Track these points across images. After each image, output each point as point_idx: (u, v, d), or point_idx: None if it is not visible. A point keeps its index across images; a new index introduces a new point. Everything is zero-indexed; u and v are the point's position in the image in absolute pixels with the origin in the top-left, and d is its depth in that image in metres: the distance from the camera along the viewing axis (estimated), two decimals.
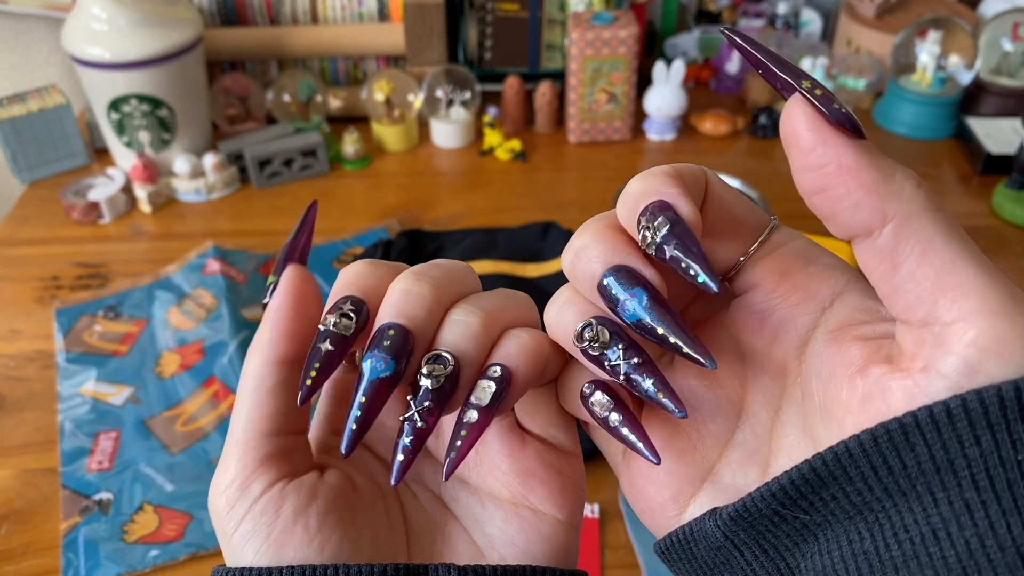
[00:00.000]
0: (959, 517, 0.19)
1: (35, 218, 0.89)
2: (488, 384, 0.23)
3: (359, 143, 0.96)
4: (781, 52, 1.12)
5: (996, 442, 0.18)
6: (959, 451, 0.19)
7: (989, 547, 0.18)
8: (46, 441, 0.64)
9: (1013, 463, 0.18)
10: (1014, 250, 0.83)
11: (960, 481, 0.19)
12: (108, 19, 0.83)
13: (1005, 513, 0.18)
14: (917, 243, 0.20)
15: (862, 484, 0.20)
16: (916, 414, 0.19)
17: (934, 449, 0.19)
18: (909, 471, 0.19)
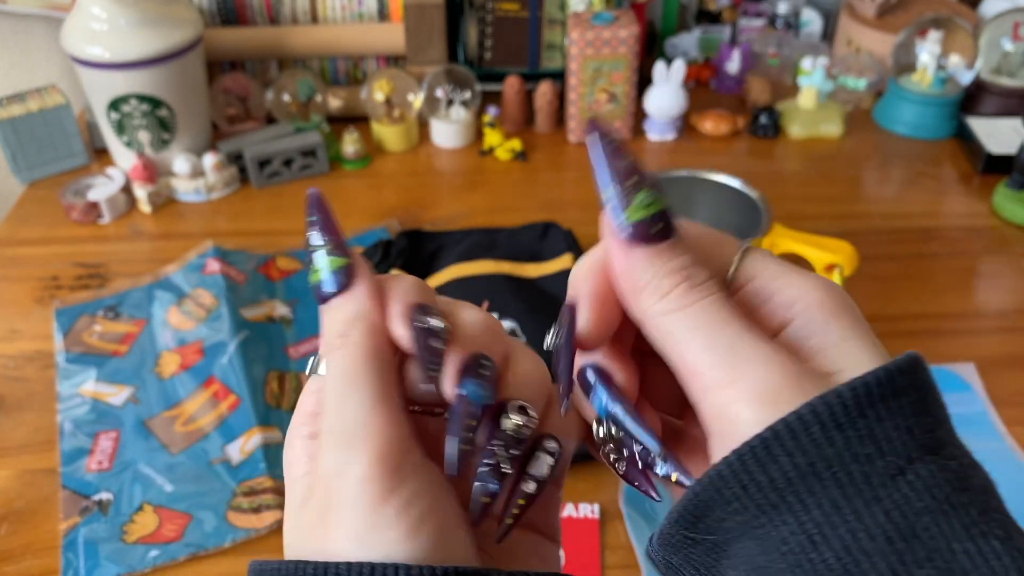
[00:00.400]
0: (830, 518, 0.20)
1: (35, 218, 0.89)
2: (547, 458, 0.24)
3: (359, 143, 0.96)
4: (781, 53, 1.12)
5: (847, 440, 0.20)
6: (817, 455, 0.20)
7: (862, 540, 0.19)
8: (46, 441, 0.64)
9: (864, 456, 0.20)
10: (1014, 250, 0.83)
11: (824, 483, 0.20)
12: (108, 19, 0.83)
13: (867, 503, 0.20)
14: (660, 341, 0.23)
15: (738, 504, 0.21)
16: (774, 427, 0.20)
17: (795, 457, 0.20)
18: (776, 483, 0.20)
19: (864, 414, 0.20)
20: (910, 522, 0.19)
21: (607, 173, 0.24)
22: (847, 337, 0.22)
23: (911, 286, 0.78)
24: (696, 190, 0.70)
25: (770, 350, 0.21)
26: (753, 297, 0.24)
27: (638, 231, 0.23)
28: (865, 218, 0.88)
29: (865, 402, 0.20)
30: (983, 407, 0.65)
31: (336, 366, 0.23)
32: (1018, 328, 0.74)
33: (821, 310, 0.22)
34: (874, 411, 0.20)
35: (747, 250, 0.24)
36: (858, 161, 0.98)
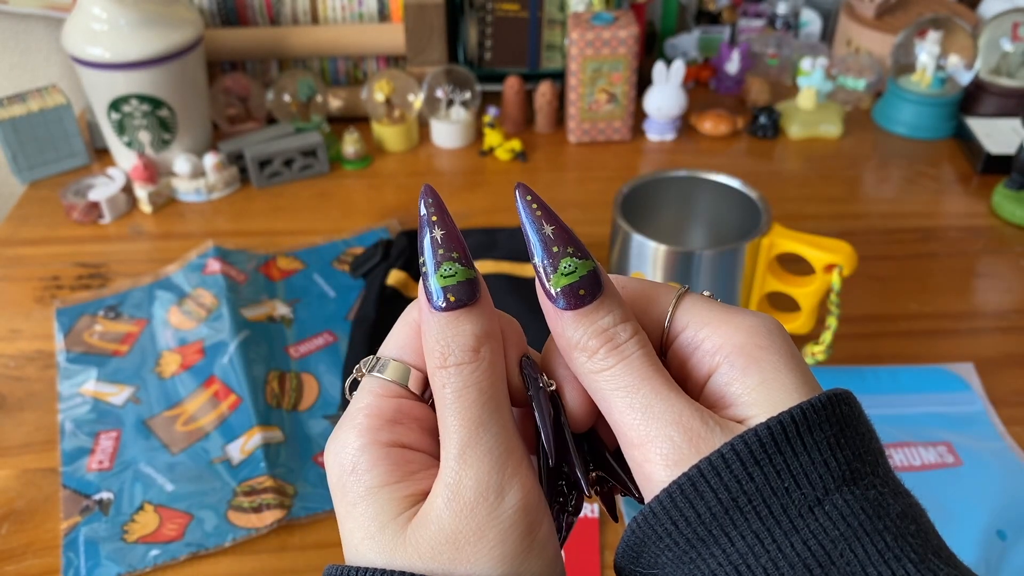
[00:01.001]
0: (753, 548, 0.21)
1: (35, 218, 0.89)
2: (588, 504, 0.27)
3: (359, 143, 0.96)
4: (781, 54, 1.12)
5: (765, 475, 0.21)
6: (739, 490, 0.21)
7: (781, 567, 0.21)
8: (46, 441, 0.64)
9: (782, 490, 0.21)
10: (1013, 250, 0.83)
11: (746, 516, 0.21)
12: (108, 19, 0.83)
13: (786, 534, 0.21)
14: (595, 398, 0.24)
15: (669, 540, 0.22)
16: (698, 465, 0.22)
17: (719, 493, 0.21)
18: (703, 518, 0.22)
19: (780, 450, 0.21)
20: (827, 550, 0.21)
21: (533, 241, 0.25)
22: (766, 380, 0.23)
23: (910, 286, 0.79)
24: (695, 190, 0.70)
25: (681, 409, 0.23)
26: (685, 347, 0.25)
27: (565, 296, 0.24)
28: (864, 218, 0.88)
29: (781, 439, 0.21)
30: (982, 407, 0.65)
31: (468, 381, 0.24)
32: (1017, 328, 0.74)
33: (741, 355, 0.24)
34: (790, 447, 0.21)
35: (680, 297, 0.26)
36: (857, 161, 0.98)
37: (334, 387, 0.68)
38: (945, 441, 0.62)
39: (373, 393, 0.25)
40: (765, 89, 1.07)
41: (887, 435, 0.62)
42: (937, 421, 0.63)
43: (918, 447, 0.61)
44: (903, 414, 0.64)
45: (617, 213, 0.65)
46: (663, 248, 0.62)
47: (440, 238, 0.24)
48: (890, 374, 0.67)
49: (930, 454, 0.60)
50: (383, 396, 0.25)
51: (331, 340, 0.73)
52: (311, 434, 0.64)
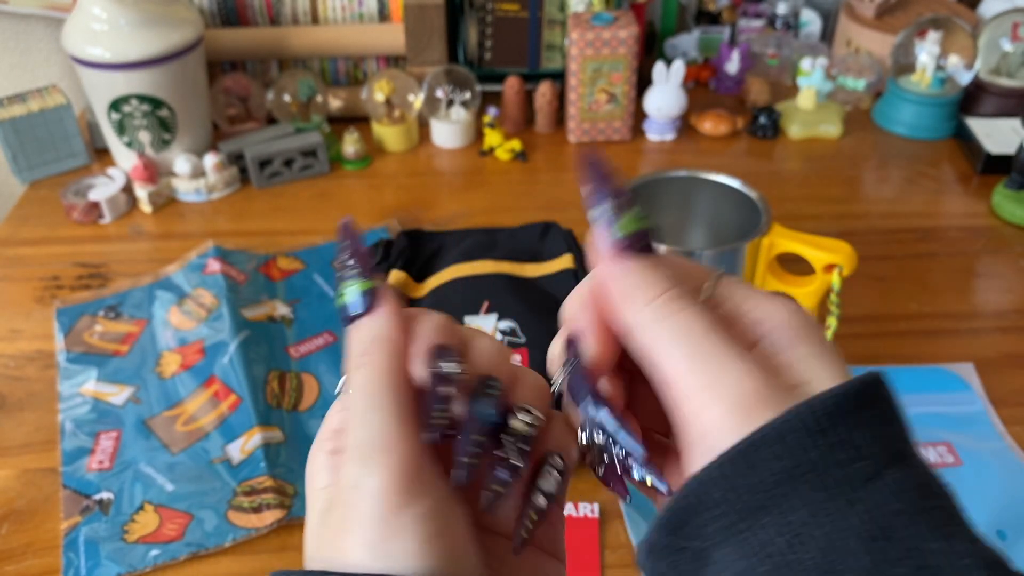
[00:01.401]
0: (813, 518, 0.21)
1: (35, 218, 0.90)
2: (555, 474, 0.25)
3: (359, 143, 0.96)
4: (781, 54, 1.12)
5: (828, 445, 0.21)
6: (800, 459, 0.21)
7: (842, 539, 0.20)
8: (47, 441, 0.64)
9: (844, 461, 0.21)
10: (1014, 250, 0.84)
11: (805, 486, 0.21)
12: (108, 19, 0.83)
13: (849, 504, 0.21)
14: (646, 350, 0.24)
15: (722, 508, 0.22)
16: (758, 432, 0.21)
17: (778, 462, 0.21)
18: (760, 487, 0.21)
19: (843, 421, 0.21)
20: (886, 523, 0.20)
21: (601, 191, 0.25)
22: (813, 354, 0.24)
23: (910, 286, 0.79)
24: (695, 190, 0.70)
25: (747, 361, 0.23)
26: (727, 317, 0.25)
27: (628, 242, 0.25)
28: (864, 218, 0.88)
29: (844, 410, 0.21)
30: (982, 407, 0.65)
31: (357, 384, 0.25)
32: (1017, 328, 0.74)
33: (788, 329, 0.24)
34: (851, 419, 0.22)
35: (720, 275, 0.26)
36: (857, 161, 0.98)
37: (334, 387, 0.68)
38: (945, 441, 0.62)
39: (338, 410, 0.27)
40: (765, 89, 1.07)
41: None
42: (937, 421, 0.63)
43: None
44: None
45: None
46: (663, 248, 0.62)
47: (346, 260, 0.26)
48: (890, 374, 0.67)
49: (930, 454, 0.60)
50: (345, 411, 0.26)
51: (331, 340, 0.73)
52: (311, 434, 0.65)
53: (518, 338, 0.68)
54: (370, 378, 0.25)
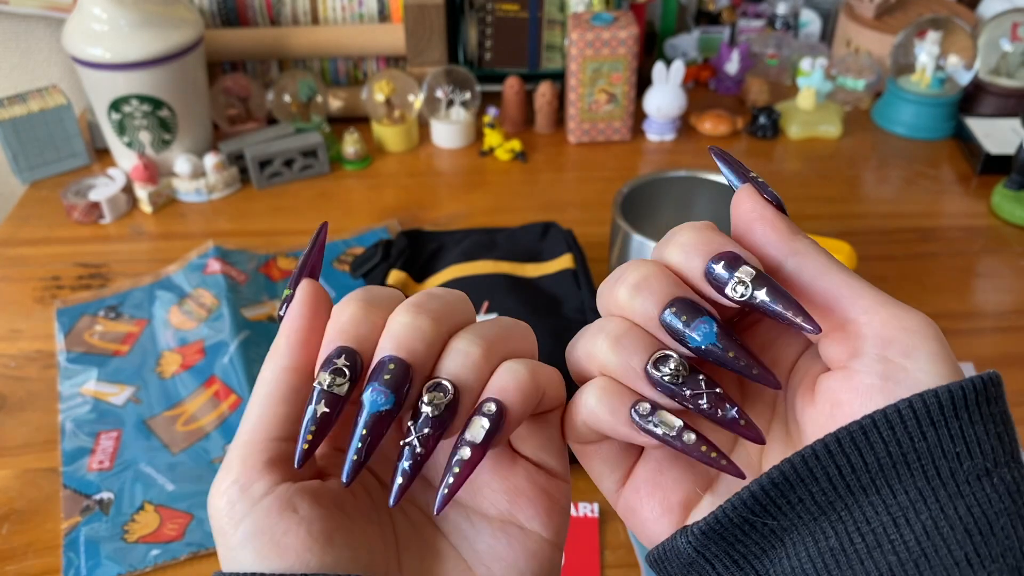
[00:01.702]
0: (915, 504, 0.21)
1: (36, 218, 0.90)
2: (483, 421, 0.24)
3: (359, 143, 0.96)
4: (780, 54, 1.12)
5: (939, 437, 0.22)
6: (911, 446, 0.22)
7: (941, 527, 0.21)
8: (47, 441, 0.64)
9: (953, 454, 0.22)
10: (1013, 249, 0.84)
11: (913, 472, 0.22)
12: (109, 20, 0.84)
13: (951, 497, 0.21)
14: (815, 267, 0.24)
15: (827, 484, 0.22)
16: (873, 416, 0.22)
17: (890, 446, 0.22)
18: (870, 468, 0.22)
19: (957, 416, 0.22)
20: (989, 520, 0.21)
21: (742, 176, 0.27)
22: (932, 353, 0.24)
23: (909, 286, 0.79)
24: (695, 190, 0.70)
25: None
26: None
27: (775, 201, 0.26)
28: (864, 218, 0.88)
29: (960, 404, 0.22)
30: None
31: (257, 380, 0.26)
32: (1016, 328, 0.74)
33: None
34: (967, 414, 0.22)
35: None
36: (857, 161, 0.98)
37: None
38: None
39: None
40: (765, 89, 1.07)
41: None
42: None
43: None
44: None
45: (617, 213, 0.65)
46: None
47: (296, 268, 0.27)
48: None
49: None
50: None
51: None
52: None
53: None
54: (262, 378, 0.25)
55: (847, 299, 0.24)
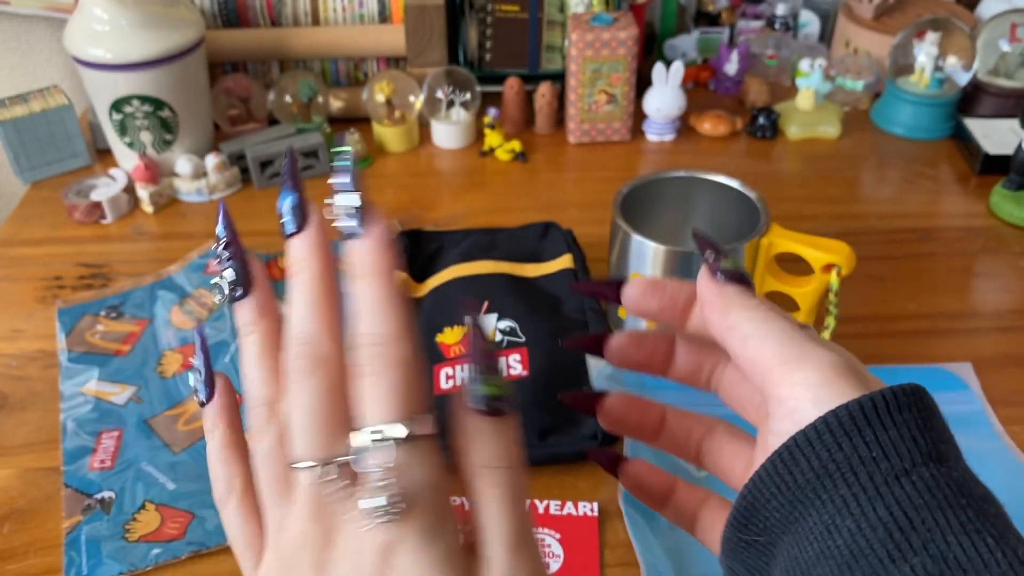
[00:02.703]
0: (840, 511, 0.23)
1: (37, 218, 0.90)
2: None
3: (360, 144, 0.97)
4: (779, 55, 1.12)
5: (855, 446, 0.24)
6: (830, 458, 0.24)
7: (864, 529, 0.23)
8: (48, 440, 0.65)
9: (870, 459, 0.23)
10: (1012, 250, 0.84)
11: (836, 482, 0.24)
12: (110, 20, 0.84)
13: (871, 499, 0.23)
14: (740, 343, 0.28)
15: (776, 503, 0.25)
16: (795, 437, 0.24)
17: (812, 461, 0.24)
18: (800, 483, 0.24)
19: (870, 424, 0.24)
20: (909, 517, 0.22)
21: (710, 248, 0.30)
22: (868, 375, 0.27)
23: (908, 286, 0.79)
24: (694, 190, 0.71)
25: (830, 347, 0.26)
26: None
27: (730, 275, 0.29)
28: (863, 218, 0.89)
29: (871, 414, 0.24)
30: (980, 406, 0.65)
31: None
32: (1015, 327, 0.74)
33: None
34: (880, 421, 0.24)
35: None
36: (856, 162, 0.98)
37: None
38: None
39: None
40: (764, 90, 1.08)
41: None
42: None
43: None
44: None
45: (616, 213, 0.65)
46: (662, 248, 0.62)
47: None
48: (888, 374, 0.67)
49: None
50: None
51: None
52: None
53: (518, 338, 0.68)
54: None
55: (761, 370, 0.27)
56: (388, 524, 0.24)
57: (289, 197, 0.29)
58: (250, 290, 0.29)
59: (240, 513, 0.28)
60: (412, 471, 0.24)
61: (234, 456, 0.29)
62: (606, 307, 0.72)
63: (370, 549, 0.24)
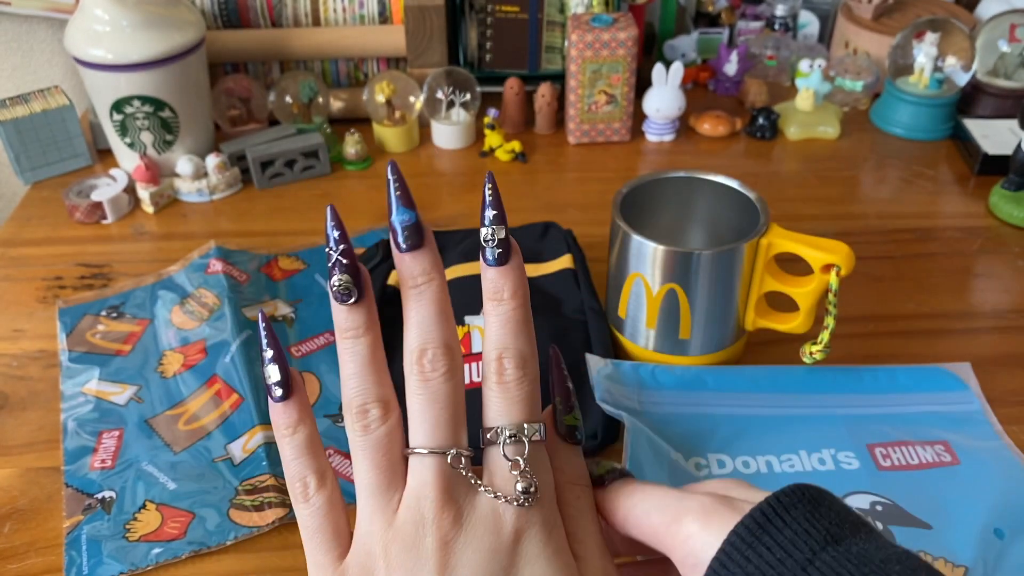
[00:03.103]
0: None
1: (38, 219, 0.90)
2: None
3: (360, 144, 0.97)
4: (779, 55, 1.12)
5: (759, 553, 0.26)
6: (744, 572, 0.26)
7: None
8: (49, 440, 0.65)
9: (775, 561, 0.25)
10: (1011, 250, 0.84)
11: None
12: (110, 20, 0.84)
13: None
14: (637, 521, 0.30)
15: None
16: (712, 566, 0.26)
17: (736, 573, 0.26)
18: None
19: (766, 532, 0.26)
20: None
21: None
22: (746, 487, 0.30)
23: (907, 286, 0.79)
24: (694, 191, 0.71)
25: (701, 494, 0.29)
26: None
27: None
28: (862, 218, 0.89)
29: (763, 523, 0.26)
30: (979, 406, 0.65)
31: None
32: (1014, 327, 0.74)
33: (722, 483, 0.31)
34: (773, 526, 0.26)
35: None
36: (855, 162, 0.99)
37: (335, 386, 0.69)
38: (942, 440, 0.62)
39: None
40: (763, 90, 1.08)
41: (884, 434, 0.62)
42: (934, 420, 0.64)
43: (915, 446, 0.61)
44: (900, 413, 0.64)
45: (616, 214, 0.65)
46: (662, 248, 0.62)
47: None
48: (887, 373, 0.67)
49: (927, 453, 0.61)
50: None
51: (332, 340, 0.73)
52: None
53: None
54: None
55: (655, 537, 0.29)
56: (524, 509, 0.27)
57: (406, 214, 0.31)
58: (364, 297, 0.30)
59: (330, 503, 0.30)
60: (540, 468, 0.29)
61: (320, 451, 0.31)
62: (606, 306, 0.72)
63: (506, 529, 0.27)
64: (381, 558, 0.27)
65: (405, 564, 0.27)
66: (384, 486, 0.28)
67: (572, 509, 0.30)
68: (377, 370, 0.30)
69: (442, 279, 0.30)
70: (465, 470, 0.28)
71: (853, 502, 0.57)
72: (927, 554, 0.54)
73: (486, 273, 0.30)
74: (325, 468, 0.30)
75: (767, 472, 0.60)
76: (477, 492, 0.28)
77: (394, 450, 0.29)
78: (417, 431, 0.29)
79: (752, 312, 0.67)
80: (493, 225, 0.30)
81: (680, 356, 0.67)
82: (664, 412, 0.63)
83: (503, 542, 0.27)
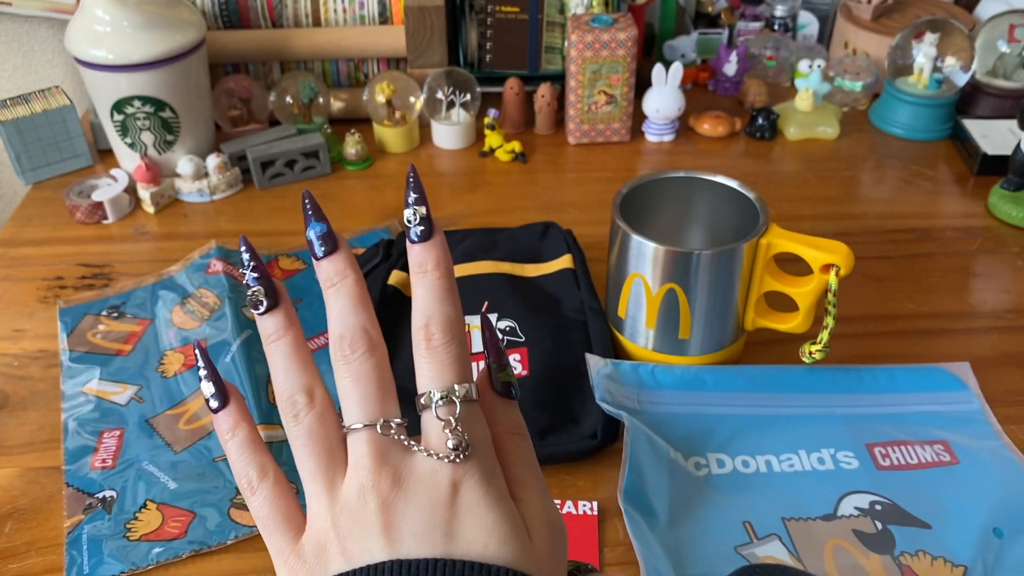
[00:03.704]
0: None
1: (39, 219, 0.90)
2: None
3: (360, 144, 0.97)
4: (778, 55, 1.12)
5: None
6: None
7: None
8: (50, 440, 0.65)
9: None
10: (1011, 250, 0.84)
11: None
12: (111, 21, 0.84)
13: None
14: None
15: None
16: None
17: None
18: None
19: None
20: None
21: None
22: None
23: (907, 286, 0.79)
24: (694, 191, 0.71)
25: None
26: None
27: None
28: (861, 219, 0.89)
29: None
30: (978, 406, 0.66)
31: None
32: (1013, 327, 0.74)
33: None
34: None
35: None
36: (854, 162, 0.99)
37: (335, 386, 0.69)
38: (942, 440, 0.62)
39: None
40: (763, 91, 1.08)
41: (884, 434, 0.62)
42: (934, 420, 0.64)
43: (915, 445, 0.61)
44: (900, 413, 0.64)
45: (616, 214, 0.65)
46: (662, 248, 0.63)
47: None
48: (887, 373, 0.67)
49: (927, 452, 0.61)
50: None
51: None
52: None
53: (518, 338, 0.68)
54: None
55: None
56: (457, 463, 0.29)
57: (318, 226, 0.33)
58: (278, 304, 0.33)
59: (275, 493, 0.31)
60: (472, 424, 0.30)
61: (260, 447, 0.33)
62: (605, 306, 0.72)
63: (443, 484, 0.28)
64: (332, 531, 0.29)
65: (353, 532, 0.28)
66: (324, 468, 0.30)
67: (512, 456, 0.31)
68: (300, 363, 0.32)
69: (357, 275, 0.32)
70: (397, 434, 0.30)
71: (853, 501, 0.58)
72: (927, 553, 0.54)
73: (411, 250, 0.32)
74: (266, 462, 0.32)
75: (766, 471, 0.60)
76: (412, 454, 0.29)
77: (329, 435, 0.31)
78: (348, 410, 0.31)
79: (752, 312, 0.67)
80: (415, 206, 0.33)
81: (680, 356, 0.67)
82: (664, 412, 0.63)
83: (441, 495, 0.28)
